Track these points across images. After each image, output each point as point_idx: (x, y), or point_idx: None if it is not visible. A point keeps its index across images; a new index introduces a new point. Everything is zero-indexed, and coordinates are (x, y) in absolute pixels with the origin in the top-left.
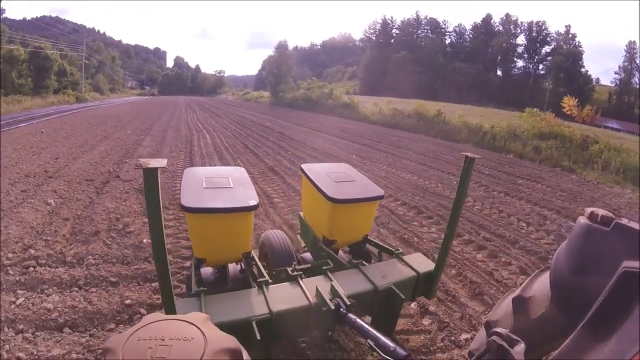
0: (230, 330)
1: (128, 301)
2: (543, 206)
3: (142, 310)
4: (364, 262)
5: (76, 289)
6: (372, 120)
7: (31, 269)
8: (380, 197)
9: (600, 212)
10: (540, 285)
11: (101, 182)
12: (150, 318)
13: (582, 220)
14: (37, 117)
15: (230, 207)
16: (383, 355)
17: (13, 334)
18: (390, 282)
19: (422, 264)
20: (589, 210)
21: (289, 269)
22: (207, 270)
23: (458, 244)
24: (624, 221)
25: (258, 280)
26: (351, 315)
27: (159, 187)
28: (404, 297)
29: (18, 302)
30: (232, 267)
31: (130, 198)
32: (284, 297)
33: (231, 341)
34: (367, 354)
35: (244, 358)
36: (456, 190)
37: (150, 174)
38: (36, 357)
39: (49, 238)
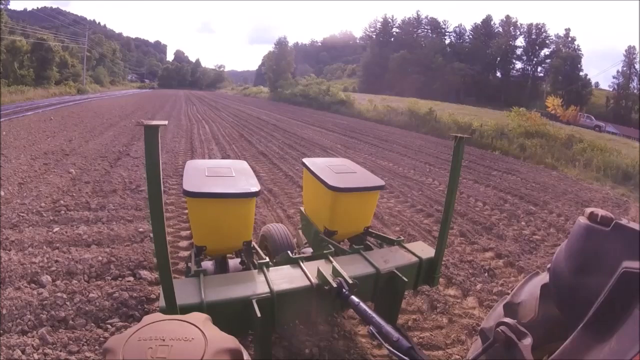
0: (229, 309)
1: (141, 229)
2: (507, 192)
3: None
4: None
5: (100, 223)
6: (367, 116)
7: (62, 212)
8: (381, 187)
9: (600, 212)
10: (530, 290)
11: (114, 159)
12: (150, 318)
13: (582, 220)
14: (41, 106)
15: (231, 193)
16: (385, 345)
17: (50, 250)
18: (392, 266)
19: (424, 250)
20: (588, 210)
21: (289, 252)
22: (206, 263)
23: (410, 212)
24: (624, 221)
25: (259, 262)
26: (354, 298)
27: (159, 146)
28: (406, 279)
29: (54, 231)
30: (233, 262)
31: (139, 169)
32: (285, 278)
33: (231, 341)
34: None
35: (244, 358)
36: (449, 173)
37: (151, 132)
38: (71, 260)
39: (74, 194)
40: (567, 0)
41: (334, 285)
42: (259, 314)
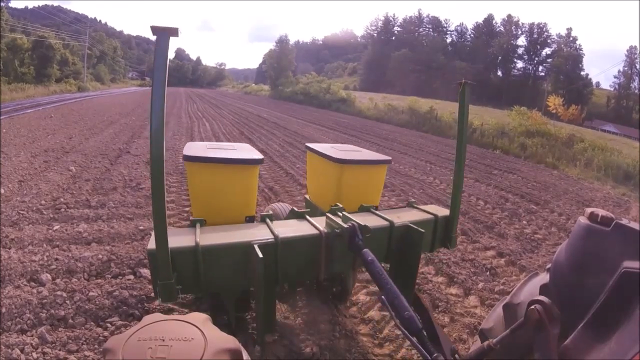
0: (227, 254)
1: (141, 227)
2: (509, 191)
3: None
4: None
5: (100, 221)
6: (367, 115)
7: (62, 210)
8: (388, 162)
9: (600, 212)
10: (530, 291)
11: (114, 156)
12: (150, 318)
13: (582, 220)
14: (42, 104)
15: (233, 158)
16: (395, 319)
17: (49, 248)
18: (406, 221)
19: (439, 210)
20: (588, 210)
21: (295, 208)
22: None
23: None
24: (624, 221)
25: (261, 215)
26: (368, 252)
27: (168, 55)
28: (423, 230)
29: (54, 228)
30: None
31: (140, 167)
32: (290, 227)
33: (231, 341)
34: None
35: (244, 358)
36: (457, 122)
37: (162, 39)
38: (71, 258)
39: (74, 192)
40: (569, 0)
41: (346, 226)
42: (260, 255)
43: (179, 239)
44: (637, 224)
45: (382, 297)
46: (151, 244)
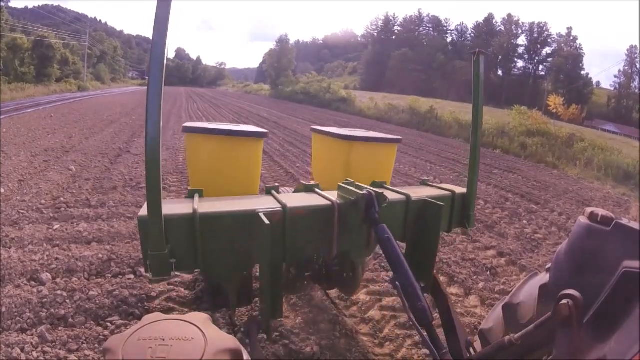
0: (229, 223)
1: None
2: (509, 191)
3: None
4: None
5: (100, 220)
6: (368, 114)
7: (63, 209)
8: (398, 141)
9: (601, 212)
10: (529, 291)
11: (114, 156)
12: (151, 318)
13: (583, 220)
14: (42, 103)
15: (236, 130)
16: (406, 308)
17: (50, 247)
18: (423, 196)
19: (454, 188)
20: (589, 210)
21: (303, 182)
22: None
23: None
24: (624, 221)
25: (267, 186)
26: (385, 228)
27: (169, 23)
28: (442, 204)
29: (55, 228)
30: None
31: (140, 167)
32: (299, 198)
33: (231, 341)
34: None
35: (244, 358)
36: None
37: (163, 7)
38: (71, 257)
39: (74, 191)
40: (569, 0)
41: (362, 193)
42: (267, 222)
43: (174, 207)
44: (637, 224)
45: (397, 282)
46: (143, 211)
